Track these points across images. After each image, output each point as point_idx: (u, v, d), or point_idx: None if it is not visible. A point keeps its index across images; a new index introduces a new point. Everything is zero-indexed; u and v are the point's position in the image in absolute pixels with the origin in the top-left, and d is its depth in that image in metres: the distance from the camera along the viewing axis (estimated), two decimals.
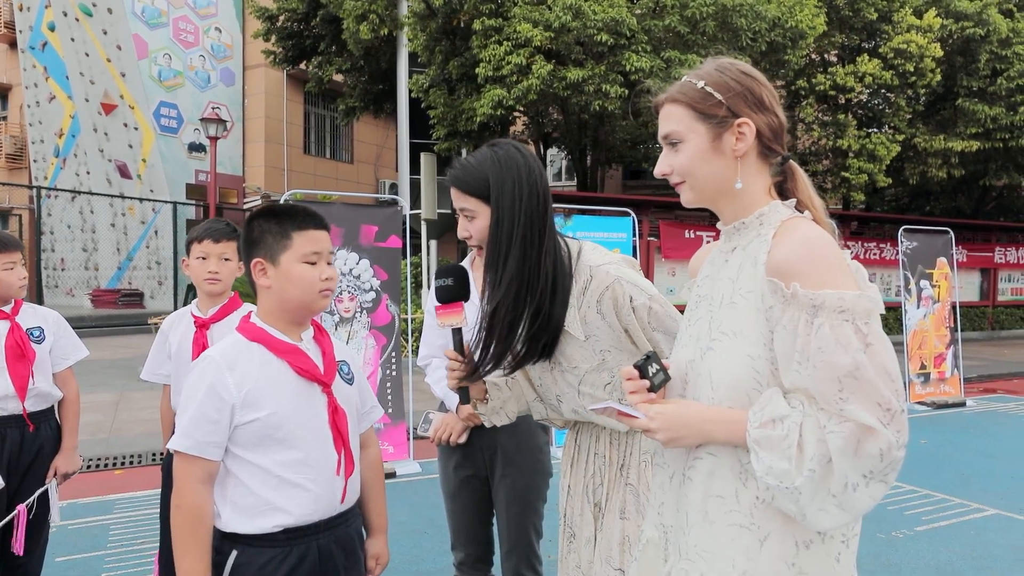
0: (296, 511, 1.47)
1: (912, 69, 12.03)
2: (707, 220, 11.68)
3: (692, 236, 11.58)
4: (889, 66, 12.12)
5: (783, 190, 1.27)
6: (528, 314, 1.52)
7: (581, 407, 1.62)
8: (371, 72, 15.08)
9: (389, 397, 5.24)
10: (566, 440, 1.76)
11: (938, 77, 12.43)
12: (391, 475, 4.95)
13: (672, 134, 1.24)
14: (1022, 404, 8.07)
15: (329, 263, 1.54)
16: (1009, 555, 3.65)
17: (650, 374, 1.21)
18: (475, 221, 1.57)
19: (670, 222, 11.60)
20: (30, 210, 18.42)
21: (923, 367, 7.92)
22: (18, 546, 2.37)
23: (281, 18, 15.28)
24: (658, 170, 1.27)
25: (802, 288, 1.09)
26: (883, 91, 13.15)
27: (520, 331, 1.54)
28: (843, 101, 13.24)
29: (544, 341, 1.56)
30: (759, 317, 1.15)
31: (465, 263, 2.23)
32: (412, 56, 13.42)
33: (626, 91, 10.07)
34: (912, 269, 7.96)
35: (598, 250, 1.62)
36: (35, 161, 19.62)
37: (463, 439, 2.13)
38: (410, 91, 13.11)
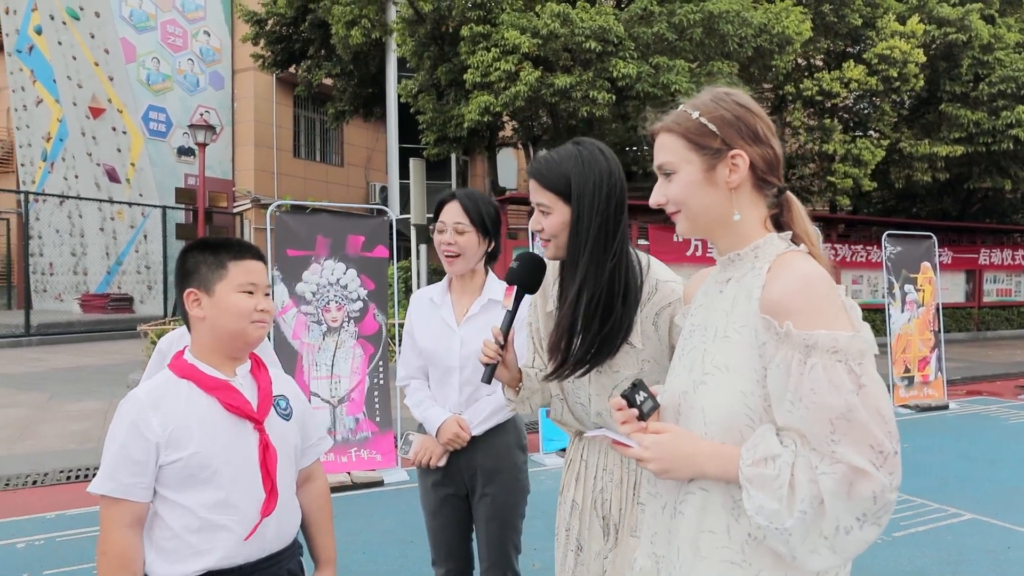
0: (219, 554, 1.42)
1: (896, 75, 12.17)
2: None
3: (680, 240, 11.66)
4: (874, 71, 12.26)
5: (779, 222, 1.27)
6: (599, 315, 1.56)
7: (607, 410, 1.65)
8: (360, 76, 15.09)
9: (377, 405, 5.28)
10: (571, 455, 1.79)
11: (921, 82, 12.57)
12: (379, 483, 4.99)
13: (666, 164, 1.24)
14: (1004, 406, 8.18)
15: (266, 294, 1.51)
16: (984, 559, 3.73)
17: (638, 403, 1.21)
18: (550, 217, 1.59)
19: (659, 226, 11.69)
20: (18, 214, 18.33)
21: (907, 371, 8.02)
22: None
23: (270, 22, 15.27)
24: (653, 200, 1.28)
25: (795, 327, 1.08)
26: (868, 96, 13.29)
27: (592, 330, 1.57)
28: (829, 106, 13.36)
29: (613, 344, 1.58)
30: (752, 353, 1.14)
31: (441, 285, 2.27)
32: (401, 61, 13.45)
33: (613, 97, 10.14)
34: (896, 274, 8.06)
35: (663, 266, 1.67)
36: (22, 165, 19.53)
37: (442, 462, 2.17)
38: (399, 96, 13.13)
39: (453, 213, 2.10)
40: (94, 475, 1.44)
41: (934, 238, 8.42)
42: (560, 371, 1.62)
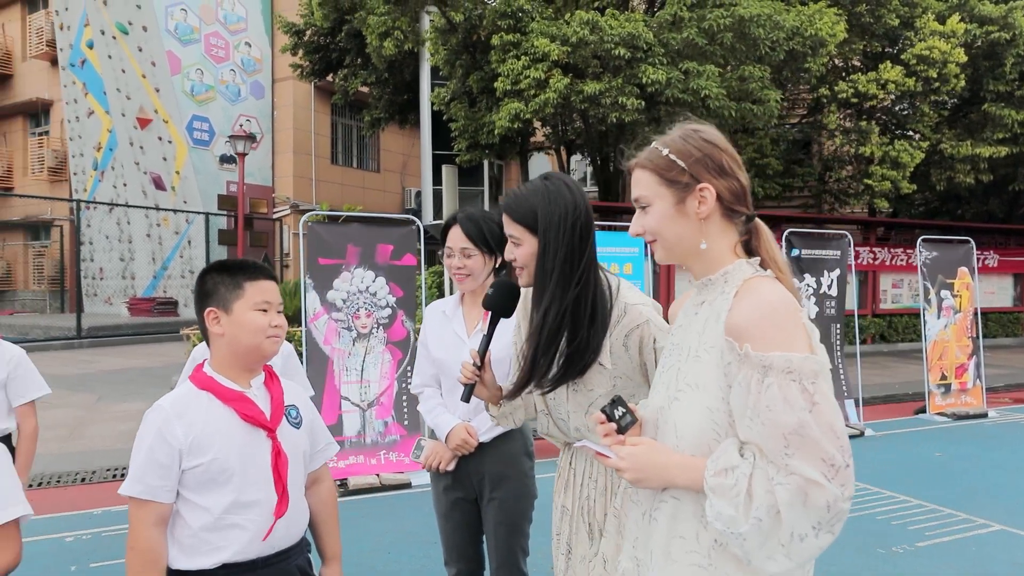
0: (234, 549, 1.56)
1: (936, 75, 11.90)
2: None
3: None
4: (912, 73, 12.00)
5: (750, 248, 1.36)
6: (565, 337, 1.65)
7: (585, 426, 1.76)
8: (395, 84, 15.39)
9: (405, 410, 5.43)
10: (560, 463, 1.89)
11: (962, 83, 12.26)
12: (406, 486, 5.13)
13: (641, 198, 1.35)
14: None
15: (279, 312, 1.65)
16: (1009, 571, 3.69)
17: (616, 417, 1.32)
18: (520, 247, 1.70)
19: None
20: (70, 221, 19.09)
21: (943, 378, 7.87)
22: None
23: (308, 33, 15.69)
24: (632, 230, 1.38)
25: (754, 349, 1.17)
26: (908, 97, 13.03)
27: (558, 352, 1.67)
28: (867, 108, 13.13)
29: (582, 364, 1.67)
30: (719, 372, 1.23)
31: (453, 299, 2.39)
32: (434, 70, 13.67)
33: (643, 103, 10.16)
34: (932, 279, 7.91)
35: (633, 289, 1.76)
36: (75, 174, 20.34)
37: (451, 467, 2.30)
38: (432, 104, 13.35)
39: (458, 239, 2.24)
40: None
41: (972, 242, 8.23)
42: (522, 389, 1.73)
